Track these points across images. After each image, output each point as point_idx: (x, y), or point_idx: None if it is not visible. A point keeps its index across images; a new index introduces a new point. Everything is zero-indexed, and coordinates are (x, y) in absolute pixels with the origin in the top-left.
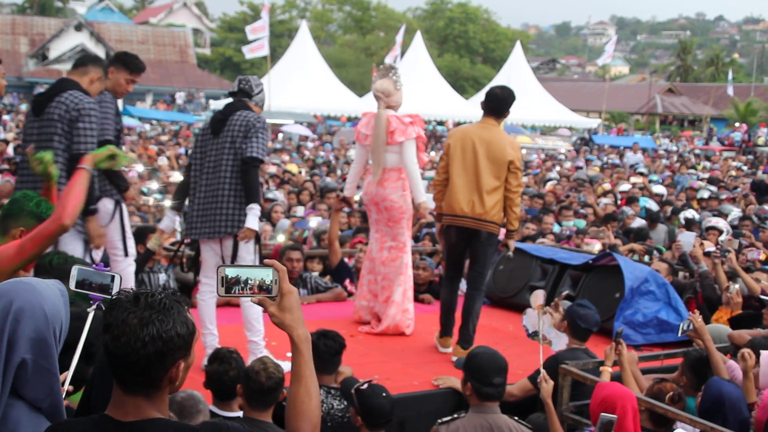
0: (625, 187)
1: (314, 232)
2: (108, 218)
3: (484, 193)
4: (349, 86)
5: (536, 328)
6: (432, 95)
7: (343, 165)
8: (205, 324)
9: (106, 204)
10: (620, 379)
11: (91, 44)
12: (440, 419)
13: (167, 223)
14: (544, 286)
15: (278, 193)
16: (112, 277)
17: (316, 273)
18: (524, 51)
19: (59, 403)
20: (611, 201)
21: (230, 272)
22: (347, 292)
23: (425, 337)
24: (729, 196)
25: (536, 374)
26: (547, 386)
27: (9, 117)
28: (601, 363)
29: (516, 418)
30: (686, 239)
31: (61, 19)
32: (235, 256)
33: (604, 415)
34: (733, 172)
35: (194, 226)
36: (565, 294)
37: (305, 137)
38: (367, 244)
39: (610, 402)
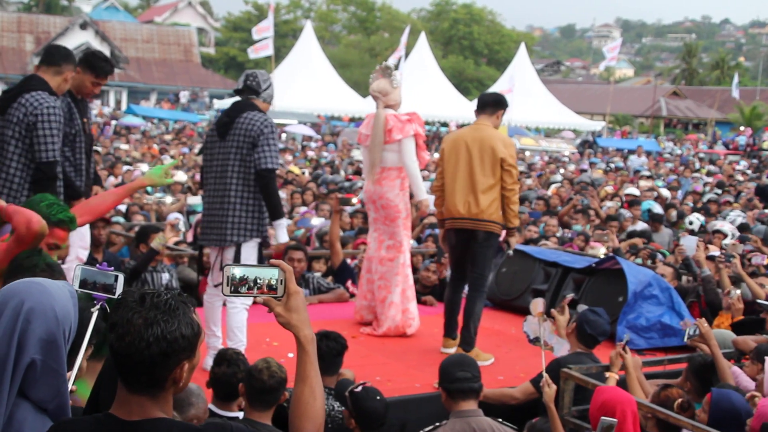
0: (631, 190)
1: (317, 233)
2: None
3: (479, 192)
4: (354, 87)
5: (537, 334)
6: (436, 96)
7: (347, 166)
8: (209, 325)
9: None
10: (624, 383)
11: (96, 43)
12: (421, 430)
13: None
14: (546, 289)
15: (281, 193)
16: (116, 277)
17: (318, 273)
18: (529, 53)
19: (65, 404)
20: (617, 204)
21: (236, 272)
22: (349, 293)
23: (427, 338)
24: (727, 200)
25: (539, 377)
26: (549, 390)
27: None
28: (605, 368)
29: (500, 419)
30: (689, 243)
31: (67, 18)
32: (237, 261)
33: (605, 419)
34: (740, 176)
35: (204, 231)
36: (570, 297)
37: (309, 137)
38: None
39: (610, 406)
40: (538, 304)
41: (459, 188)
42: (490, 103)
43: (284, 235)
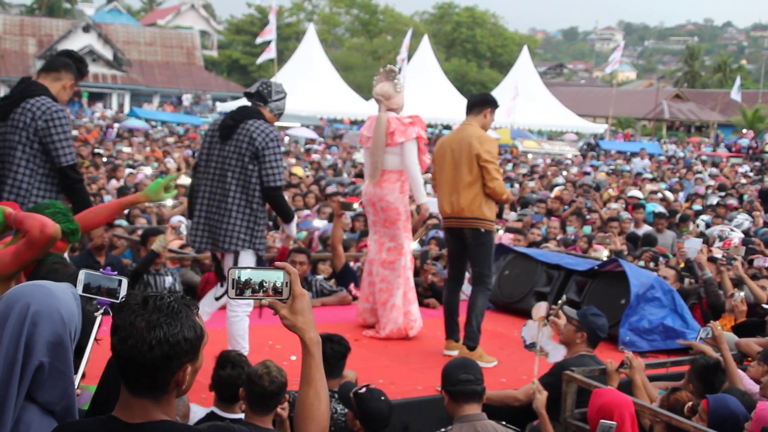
0: (634, 193)
1: (321, 236)
2: None
3: (460, 190)
4: (356, 89)
5: (534, 339)
6: (439, 99)
7: (349, 168)
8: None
9: None
10: (627, 387)
11: (98, 45)
12: None
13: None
14: (549, 292)
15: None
16: (120, 281)
17: (321, 276)
18: (531, 56)
19: (73, 406)
20: (620, 206)
21: (242, 275)
22: (351, 296)
23: (430, 341)
24: (731, 203)
25: (542, 379)
26: (541, 397)
27: None
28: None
29: (503, 422)
30: (693, 245)
31: (69, 21)
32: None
33: (604, 422)
34: (743, 179)
35: (198, 234)
36: (564, 300)
37: (312, 140)
38: None
39: (608, 410)
40: (540, 309)
41: (445, 189)
42: (477, 103)
43: (294, 231)
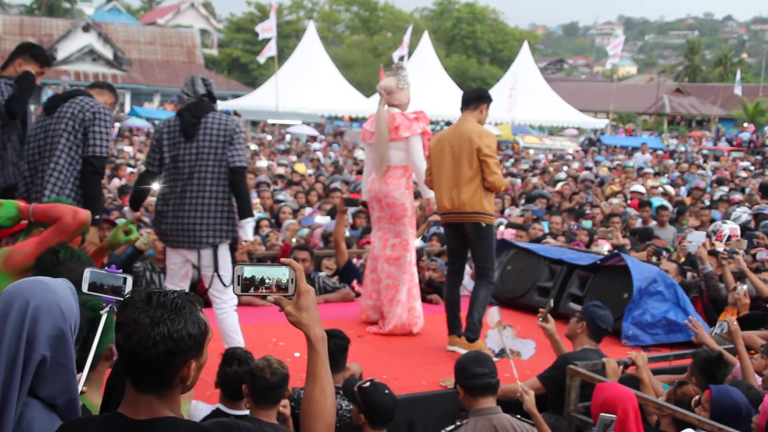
0: (636, 187)
1: (322, 233)
2: None
3: (461, 185)
4: (357, 87)
5: (501, 345)
6: (439, 96)
7: (351, 166)
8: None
9: None
10: (629, 381)
11: (98, 45)
12: (443, 429)
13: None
14: (551, 287)
15: (286, 193)
16: (125, 279)
17: (324, 273)
18: (532, 51)
19: (75, 400)
20: (621, 201)
21: (247, 271)
22: (354, 292)
23: (433, 337)
24: (734, 198)
25: (546, 373)
26: (528, 398)
27: None
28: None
29: (519, 416)
30: (695, 239)
31: (69, 20)
32: (217, 265)
33: (604, 415)
34: (743, 173)
35: (169, 234)
36: (550, 305)
37: (313, 138)
38: None
39: (611, 404)
40: (493, 315)
41: (444, 184)
42: (473, 98)
43: (251, 233)
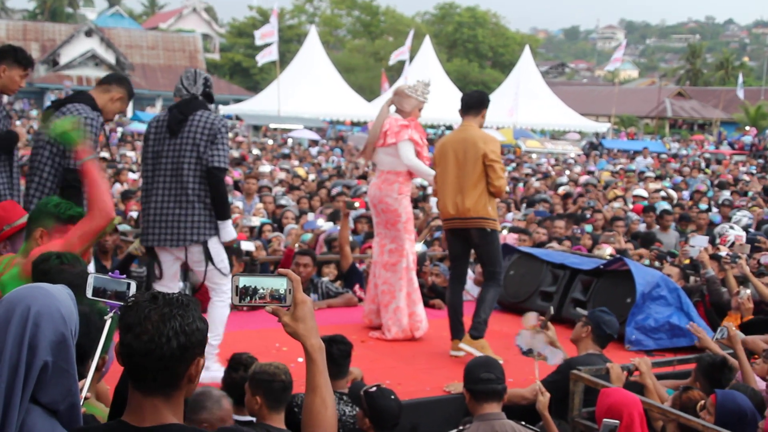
0: (638, 191)
1: (325, 238)
2: None
3: (465, 191)
4: (358, 91)
5: (530, 346)
6: (441, 100)
7: (352, 170)
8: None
9: None
10: (633, 387)
11: (101, 50)
12: None
13: None
14: (555, 292)
15: (288, 198)
16: (128, 285)
17: (326, 278)
18: (533, 55)
19: (76, 404)
20: (622, 205)
21: (244, 281)
22: (357, 297)
23: (436, 342)
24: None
25: (549, 377)
26: (543, 399)
27: (19, 122)
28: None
29: (523, 422)
30: (697, 243)
31: (72, 25)
32: (211, 259)
33: (607, 421)
34: (746, 177)
35: (152, 232)
36: (551, 312)
37: (314, 142)
38: None
39: (616, 410)
40: (530, 318)
41: (448, 190)
42: (475, 104)
43: (229, 234)
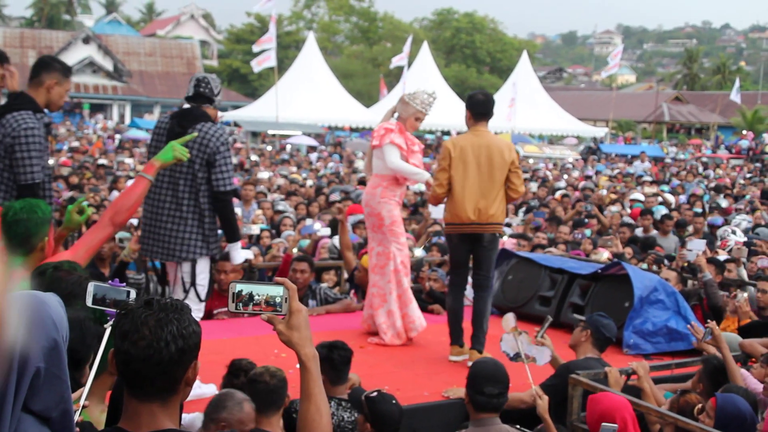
0: (636, 195)
1: (329, 247)
2: None
3: (490, 198)
4: (357, 97)
5: (516, 350)
6: (439, 105)
7: (350, 175)
8: None
9: None
10: (631, 390)
11: (99, 57)
12: None
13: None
14: (553, 296)
15: (286, 204)
16: (128, 293)
17: (325, 284)
18: (531, 60)
19: (69, 411)
20: (619, 209)
21: (241, 288)
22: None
23: (435, 347)
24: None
25: (547, 382)
26: (542, 402)
27: None
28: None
29: (518, 426)
30: (695, 247)
31: (69, 32)
32: (194, 281)
33: (606, 425)
34: (742, 180)
35: (147, 243)
36: (550, 320)
37: (313, 148)
38: None
39: (609, 415)
40: (509, 320)
41: (469, 195)
42: (490, 110)
43: (239, 257)
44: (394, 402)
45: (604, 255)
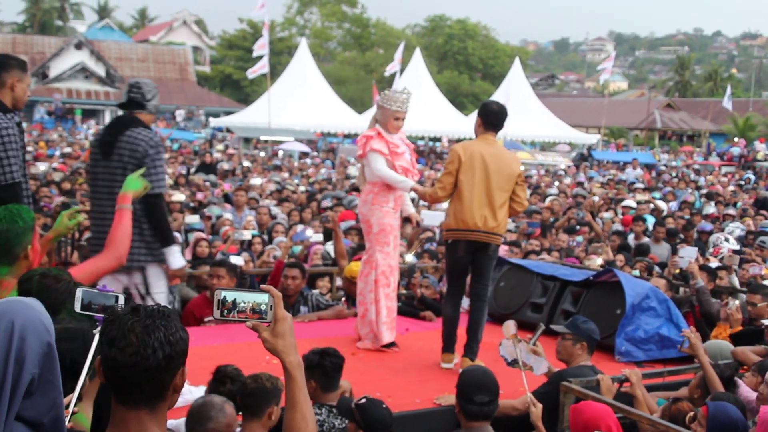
0: (628, 202)
1: (323, 254)
2: None
3: (497, 207)
4: (349, 103)
5: (514, 356)
6: (432, 112)
7: (343, 182)
8: None
9: None
10: (623, 398)
11: (91, 62)
12: None
13: None
14: (545, 303)
15: (278, 210)
16: (116, 298)
17: (317, 291)
18: (523, 67)
19: (60, 417)
20: (613, 216)
21: (226, 296)
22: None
23: (427, 354)
24: (728, 212)
25: (540, 389)
26: (536, 410)
27: None
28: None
29: None
30: (687, 254)
31: (62, 38)
32: (147, 288)
33: None
34: (732, 187)
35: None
36: (542, 329)
37: (305, 154)
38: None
39: (593, 424)
40: (510, 327)
41: (476, 202)
42: (501, 123)
43: (177, 261)
44: (384, 407)
45: (597, 261)
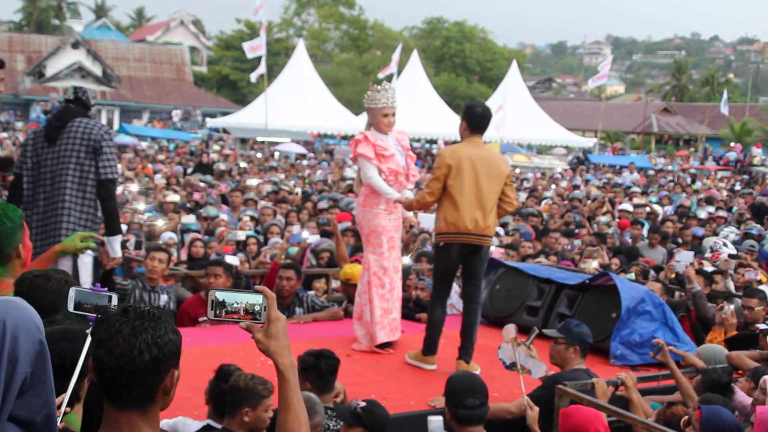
0: (625, 206)
1: (314, 249)
2: None
3: (487, 210)
4: (346, 105)
5: (513, 359)
6: (429, 114)
7: (339, 183)
8: None
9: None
10: (618, 401)
11: (87, 62)
12: None
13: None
14: (540, 306)
15: (274, 210)
16: (109, 298)
17: (312, 292)
18: (520, 70)
19: (52, 416)
20: (610, 219)
21: (220, 296)
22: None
23: None
24: (721, 215)
25: (535, 392)
26: (532, 413)
27: (6, 134)
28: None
29: None
30: (683, 258)
31: (58, 37)
32: (76, 276)
33: None
34: (724, 193)
35: (38, 240)
36: (536, 333)
37: (302, 155)
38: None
39: (583, 429)
40: (510, 331)
41: (467, 205)
42: (486, 125)
43: (118, 251)
44: (383, 406)
45: (593, 264)
